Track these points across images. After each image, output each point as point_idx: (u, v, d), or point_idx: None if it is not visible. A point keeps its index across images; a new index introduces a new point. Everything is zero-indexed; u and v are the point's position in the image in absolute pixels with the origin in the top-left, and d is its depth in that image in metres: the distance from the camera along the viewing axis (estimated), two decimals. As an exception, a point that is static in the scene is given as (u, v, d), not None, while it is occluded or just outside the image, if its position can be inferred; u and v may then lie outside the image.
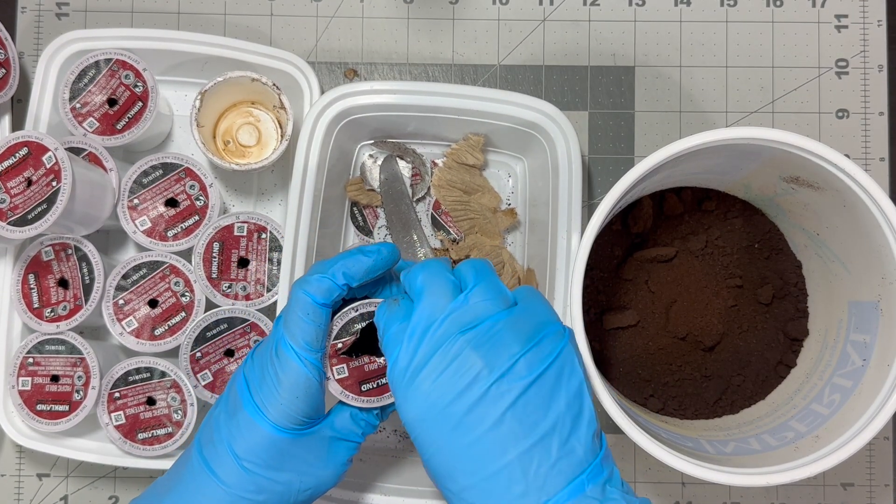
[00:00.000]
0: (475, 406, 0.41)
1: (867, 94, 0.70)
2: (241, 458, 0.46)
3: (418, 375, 0.42)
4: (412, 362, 0.42)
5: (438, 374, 0.42)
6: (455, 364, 0.41)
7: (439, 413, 0.41)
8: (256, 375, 0.47)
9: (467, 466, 0.41)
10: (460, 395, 0.41)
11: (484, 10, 0.70)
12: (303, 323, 0.46)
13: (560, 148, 0.62)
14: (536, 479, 0.40)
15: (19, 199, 0.58)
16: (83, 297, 0.62)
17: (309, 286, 0.46)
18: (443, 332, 0.42)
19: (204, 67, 0.67)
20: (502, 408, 0.41)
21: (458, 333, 0.42)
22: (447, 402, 0.41)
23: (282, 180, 0.69)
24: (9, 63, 0.65)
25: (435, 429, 0.41)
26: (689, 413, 0.64)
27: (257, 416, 0.46)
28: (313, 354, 0.46)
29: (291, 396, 0.46)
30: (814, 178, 0.56)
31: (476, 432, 0.41)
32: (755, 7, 0.70)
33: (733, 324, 0.64)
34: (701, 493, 0.68)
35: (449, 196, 0.67)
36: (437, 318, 0.42)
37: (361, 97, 0.63)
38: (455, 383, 0.41)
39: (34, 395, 0.62)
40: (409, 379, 0.42)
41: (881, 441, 0.69)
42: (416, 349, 0.42)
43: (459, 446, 0.41)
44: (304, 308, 0.46)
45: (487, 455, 0.41)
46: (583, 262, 0.54)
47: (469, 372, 0.41)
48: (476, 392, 0.41)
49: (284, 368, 0.46)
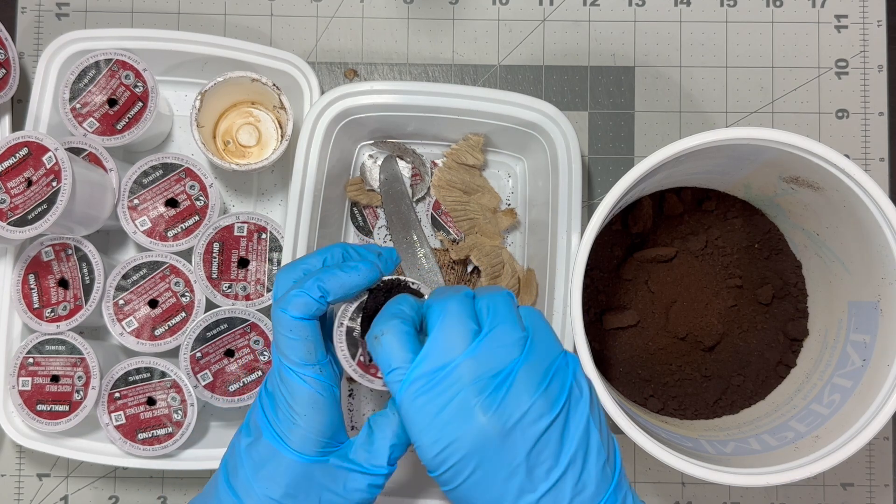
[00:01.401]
0: (488, 459, 0.41)
1: (867, 94, 0.70)
2: (265, 487, 0.45)
3: (432, 421, 0.41)
4: (424, 405, 0.41)
5: (446, 426, 0.40)
6: (463, 422, 0.40)
7: (454, 462, 0.41)
8: (271, 403, 0.46)
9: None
10: (474, 449, 0.40)
11: (484, 10, 0.70)
12: (289, 341, 0.45)
13: (560, 148, 0.62)
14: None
15: (19, 200, 0.58)
16: (83, 298, 0.62)
17: (286, 304, 0.45)
18: (456, 378, 0.41)
19: (204, 67, 0.67)
20: (516, 460, 0.41)
21: (471, 384, 0.41)
22: (462, 454, 0.40)
23: (282, 180, 0.69)
24: (9, 63, 0.65)
25: (452, 472, 0.41)
26: (689, 413, 0.64)
27: (278, 444, 0.45)
28: (310, 369, 0.45)
29: (306, 416, 0.45)
30: (814, 178, 0.56)
31: (491, 481, 0.41)
32: (755, 7, 0.70)
33: (733, 324, 0.64)
34: (701, 493, 0.68)
35: (449, 196, 0.67)
36: (451, 362, 0.41)
37: (361, 97, 0.63)
38: (465, 439, 0.40)
39: (34, 396, 0.62)
40: (421, 422, 0.41)
41: (881, 441, 0.69)
42: (426, 393, 0.41)
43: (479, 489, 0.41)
44: (287, 326, 0.45)
45: (505, 499, 0.40)
46: (583, 262, 0.54)
47: (473, 430, 0.40)
48: (490, 447, 0.40)
49: (290, 389, 0.45)
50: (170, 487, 0.68)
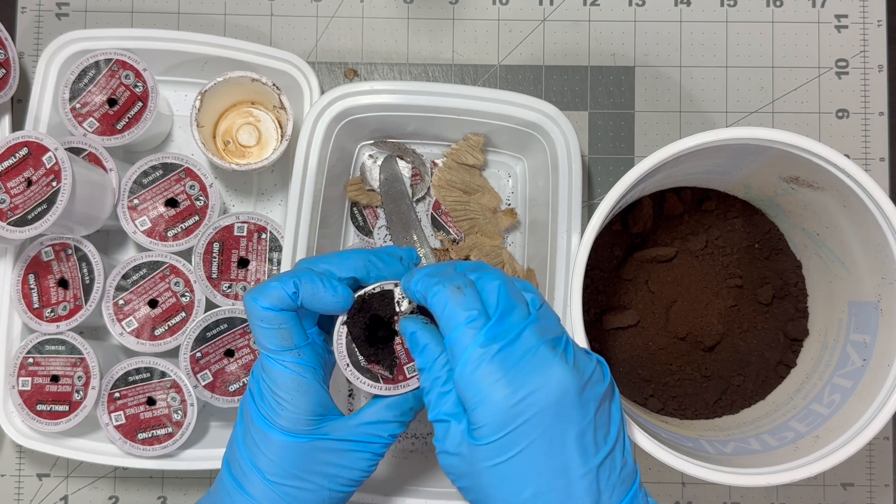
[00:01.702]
0: (564, 414, 0.41)
1: (867, 94, 0.70)
2: (263, 471, 0.46)
3: (506, 377, 0.41)
4: (497, 364, 0.41)
5: (527, 379, 0.41)
6: (548, 372, 0.41)
7: (527, 419, 0.41)
8: (257, 389, 0.47)
9: (545, 475, 0.41)
10: (552, 403, 0.41)
11: (484, 10, 0.70)
12: (262, 329, 0.45)
13: (560, 148, 0.62)
14: (608, 488, 0.42)
15: (19, 200, 0.58)
16: (83, 298, 0.62)
17: (257, 294, 0.45)
18: (525, 341, 0.41)
19: (204, 67, 0.67)
20: (588, 417, 0.41)
21: (541, 343, 0.42)
22: (538, 409, 0.41)
23: (282, 180, 0.69)
24: (9, 63, 0.65)
25: (516, 434, 0.41)
26: (689, 413, 0.64)
27: (268, 428, 0.46)
28: (288, 354, 0.46)
29: (290, 400, 0.46)
30: (814, 178, 0.56)
31: (563, 439, 0.41)
32: (755, 7, 0.70)
33: (733, 324, 0.64)
34: (701, 493, 0.68)
35: (449, 196, 0.67)
36: (518, 326, 0.42)
37: (361, 97, 0.63)
38: (550, 390, 0.41)
39: (34, 396, 0.62)
40: (493, 380, 0.41)
41: (881, 441, 0.69)
42: (501, 352, 0.41)
43: (543, 453, 0.41)
44: (257, 315, 0.45)
45: (572, 462, 0.41)
46: (583, 262, 0.54)
47: (561, 381, 0.41)
48: (568, 401, 0.41)
49: (271, 376, 0.46)
50: (170, 487, 0.68)
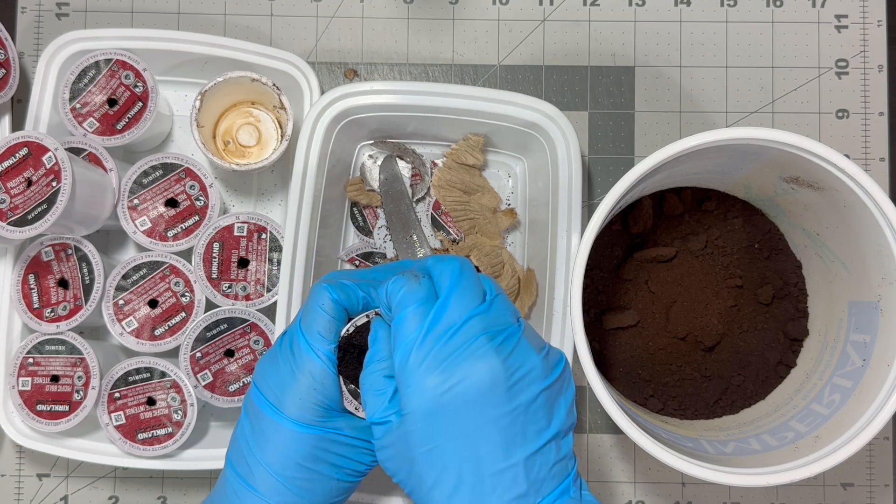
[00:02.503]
0: (490, 406, 0.41)
1: (867, 94, 0.70)
2: (272, 465, 0.46)
3: (439, 366, 0.41)
4: (431, 351, 0.42)
5: (456, 368, 0.41)
6: (477, 363, 0.41)
7: (453, 408, 0.41)
8: (269, 378, 0.47)
9: (467, 465, 0.41)
10: (479, 394, 0.41)
11: (484, 10, 0.70)
12: (318, 312, 0.46)
13: (560, 148, 0.62)
14: (536, 481, 0.42)
15: (19, 200, 0.58)
16: (83, 298, 0.62)
17: (332, 284, 0.47)
18: (467, 330, 0.42)
19: (204, 67, 0.67)
20: (517, 411, 0.42)
21: (481, 334, 0.42)
22: (464, 399, 0.41)
23: (282, 180, 0.69)
24: (9, 63, 0.65)
25: (442, 423, 0.41)
26: (689, 413, 0.64)
27: (279, 417, 0.46)
28: (324, 344, 0.46)
29: (309, 389, 0.46)
30: (814, 178, 0.56)
31: (487, 431, 0.41)
32: (755, 7, 0.70)
33: (733, 324, 0.64)
34: (701, 493, 0.68)
35: (449, 196, 0.67)
36: (464, 316, 0.42)
37: (361, 97, 0.63)
38: (476, 380, 0.41)
39: (34, 396, 0.62)
40: (425, 367, 0.42)
41: (881, 441, 0.69)
42: (438, 339, 0.42)
43: (468, 443, 0.41)
44: (321, 300, 0.46)
45: (494, 454, 0.41)
46: (583, 262, 0.54)
47: (489, 372, 0.41)
48: (496, 393, 0.41)
49: (296, 360, 0.46)
50: (170, 487, 0.68)
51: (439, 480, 0.41)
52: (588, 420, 0.68)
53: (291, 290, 0.61)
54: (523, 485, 0.41)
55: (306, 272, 0.62)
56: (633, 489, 0.68)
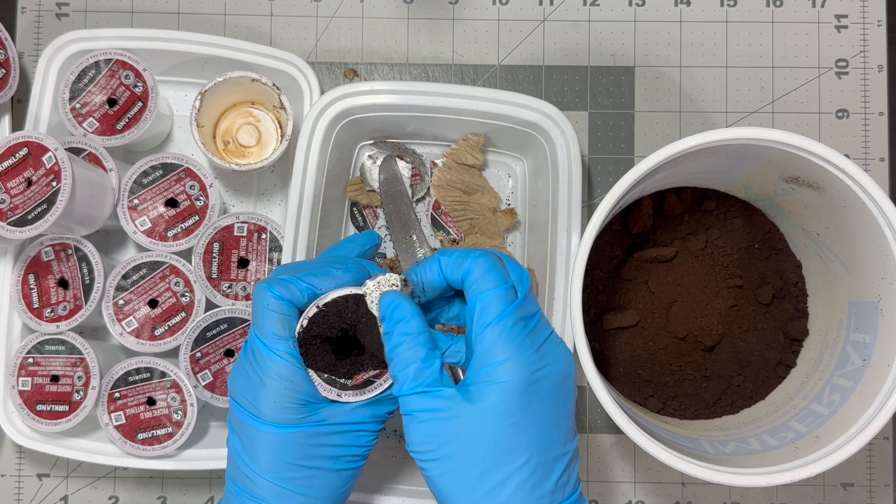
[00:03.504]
0: (564, 393, 0.45)
1: (867, 94, 0.70)
2: (268, 472, 0.46)
3: (533, 346, 0.44)
4: (524, 332, 0.44)
5: (546, 352, 0.45)
6: (561, 352, 0.45)
7: (541, 387, 0.44)
8: (240, 387, 0.47)
9: (538, 445, 0.43)
10: (560, 380, 0.45)
11: (484, 10, 0.70)
12: (267, 313, 0.47)
13: (560, 148, 0.62)
14: (573, 472, 0.45)
15: (19, 200, 0.58)
16: (83, 298, 0.62)
17: (272, 283, 0.47)
18: (543, 322, 0.46)
19: (204, 67, 0.67)
20: (574, 401, 0.46)
21: (551, 329, 0.46)
22: (551, 382, 0.44)
23: (282, 180, 0.69)
24: (9, 63, 0.65)
25: (530, 399, 0.43)
26: (689, 413, 0.64)
27: (259, 424, 0.46)
28: (283, 343, 0.46)
29: (280, 390, 0.46)
30: (814, 178, 0.56)
31: (559, 416, 0.45)
32: (755, 7, 0.70)
33: (733, 324, 0.64)
34: (701, 493, 0.68)
35: (449, 196, 0.67)
36: (535, 311, 0.46)
37: (361, 97, 0.63)
38: (560, 368, 0.45)
39: (34, 396, 0.62)
40: (520, 344, 0.44)
41: (881, 441, 0.69)
42: (527, 324, 0.45)
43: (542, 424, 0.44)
44: (265, 301, 0.47)
45: (560, 438, 0.44)
46: (583, 262, 0.54)
47: (569, 363, 0.46)
48: (569, 383, 0.46)
49: (260, 365, 0.46)
50: (170, 487, 0.68)
51: (512, 455, 0.43)
52: (588, 420, 0.68)
53: (291, 290, 0.61)
54: (567, 475, 0.44)
55: (306, 272, 0.62)
56: (633, 489, 0.68)
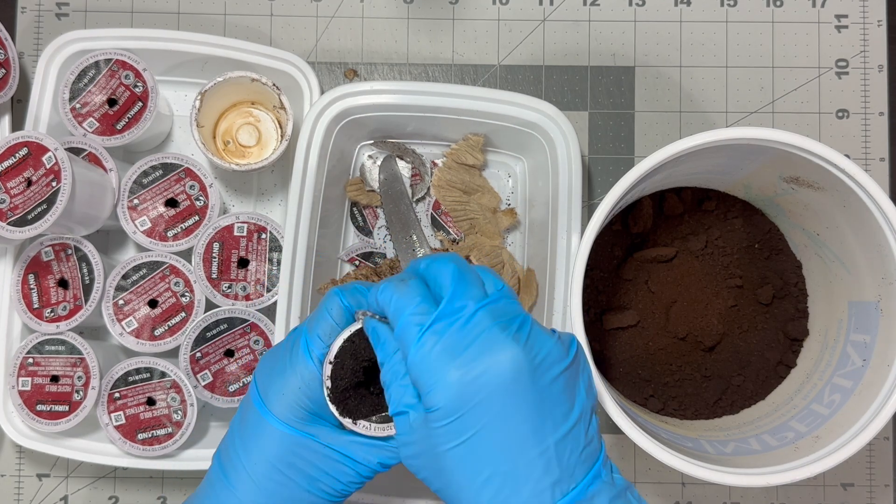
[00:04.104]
0: (516, 393, 0.41)
1: (867, 94, 0.70)
2: (249, 458, 0.46)
3: (457, 359, 0.41)
4: (446, 346, 0.41)
5: (477, 359, 0.41)
6: (497, 352, 0.41)
7: (480, 399, 0.40)
8: (264, 373, 0.48)
9: (500, 455, 0.41)
10: (504, 382, 0.41)
11: (484, 10, 0.70)
12: (324, 316, 0.47)
13: (560, 148, 0.62)
14: (568, 466, 0.41)
15: (19, 200, 0.58)
16: (83, 298, 0.62)
17: (344, 292, 0.47)
18: (478, 323, 0.41)
19: (204, 67, 0.67)
20: (542, 395, 0.41)
21: (494, 325, 0.42)
22: (490, 390, 0.40)
23: (282, 180, 0.69)
24: (9, 63, 0.65)
25: (470, 416, 0.41)
26: (689, 413, 0.64)
27: (262, 409, 0.47)
28: (322, 349, 0.46)
29: (295, 387, 0.46)
30: (814, 178, 0.56)
31: (517, 419, 0.41)
32: (755, 7, 0.70)
33: (733, 324, 0.64)
34: (701, 493, 0.68)
35: (449, 196, 0.67)
36: (473, 309, 0.42)
37: (361, 97, 0.63)
38: (500, 370, 0.41)
39: (34, 396, 0.62)
40: (443, 362, 0.41)
41: (881, 441, 0.69)
42: (451, 334, 0.41)
43: (498, 433, 0.41)
44: (331, 305, 0.47)
45: (525, 441, 0.41)
46: (583, 262, 0.54)
47: (512, 360, 0.41)
48: (521, 380, 0.41)
49: (292, 357, 0.46)
50: (170, 487, 0.68)
51: (471, 474, 0.41)
52: (588, 420, 0.68)
53: (291, 290, 0.61)
54: (556, 471, 0.41)
55: (306, 272, 0.62)
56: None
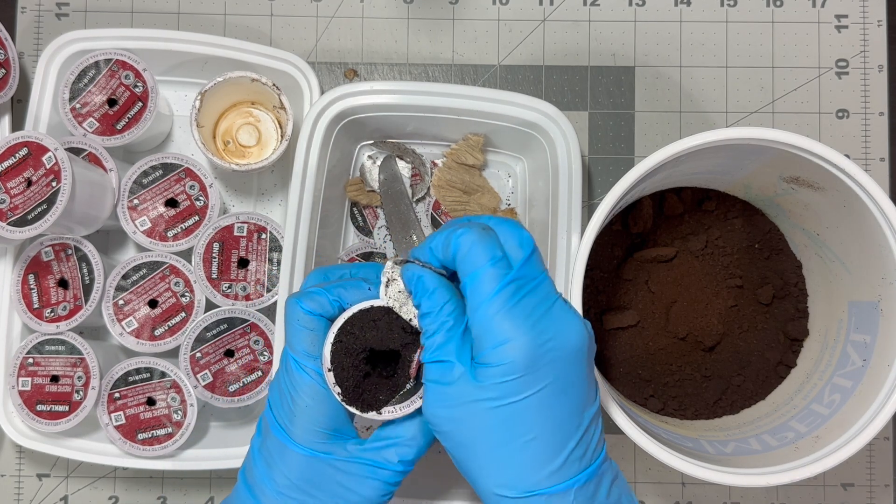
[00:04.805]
0: (576, 365, 0.43)
1: (867, 94, 0.70)
2: (276, 482, 0.46)
3: (530, 318, 0.41)
4: (523, 306, 0.42)
5: (550, 324, 0.42)
6: (569, 322, 0.43)
7: (548, 362, 0.41)
8: (276, 397, 0.47)
9: (549, 421, 0.42)
10: (571, 352, 0.42)
11: (484, 10, 0.70)
12: (297, 329, 0.46)
13: (560, 148, 0.62)
14: (592, 443, 0.43)
15: (19, 200, 0.58)
16: (83, 298, 0.62)
17: (302, 297, 0.46)
18: (550, 291, 0.43)
19: (204, 67, 0.67)
20: (588, 372, 0.43)
21: (557, 296, 0.43)
22: (558, 355, 0.42)
23: (282, 180, 0.69)
24: (9, 63, 0.65)
25: (535, 376, 0.41)
26: (690, 413, 0.64)
27: (283, 437, 0.46)
28: (312, 361, 0.46)
29: (307, 407, 0.45)
30: (814, 178, 0.56)
31: (571, 390, 0.43)
32: (755, 7, 0.70)
33: (733, 324, 0.64)
34: (701, 494, 0.68)
35: (449, 196, 0.67)
36: (538, 277, 0.43)
37: (361, 97, 0.63)
38: (569, 339, 0.42)
39: (34, 396, 0.62)
40: (520, 320, 0.41)
41: (881, 441, 0.69)
42: (528, 294, 0.42)
43: (552, 398, 0.42)
44: (295, 316, 0.46)
45: (572, 412, 0.42)
46: (583, 262, 0.54)
47: (580, 334, 0.43)
48: (581, 354, 0.43)
49: (293, 381, 0.46)
50: (170, 488, 0.68)
51: (514, 434, 0.41)
52: (588, 420, 0.68)
53: (291, 291, 0.61)
54: (584, 445, 0.43)
55: (306, 272, 0.62)
56: (633, 489, 0.68)
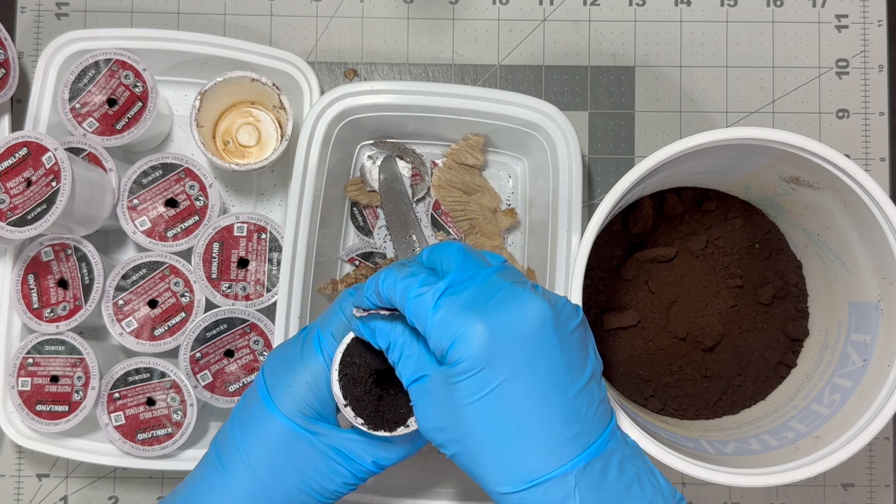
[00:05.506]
0: (542, 342, 0.41)
1: (867, 94, 0.70)
2: (246, 447, 0.47)
3: (478, 312, 0.40)
4: (468, 300, 0.41)
5: (499, 311, 0.41)
6: (523, 303, 0.41)
7: (506, 349, 0.40)
8: (273, 367, 0.48)
9: (524, 404, 0.41)
10: (531, 331, 0.41)
11: (484, 10, 0.70)
12: (337, 315, 0.48)
13: (560, 148, 0.62)
14: (587, 420, 0.42)
15: (19, 200, 0.58)
16: (83, 298, 0.62)
17: (356, 289, 0.48)
18: (494, 280, 0.42)
19: (204, 67, 0.67)
20: (563, 346, 0.41)
21: (508, 282, 0.42)
22: (515, 338, 0.41)
23: (282, 180, 0.69)
24: (8, 63, 0.65)
25: (495, 366, 0.40)
26: (690, 413, 0.64)
27: (270, 406, 0.47)
28: (333, 347, 0.47)
29: (303, 382, 0.47)
30: (814, 178, 0.56)
31: (541, 369, 0.41)
32: (755, 7, 0.70)
33: (733, 324, 0.64)
34: (701, 494, 0.68)
35: (449, 196, 0.67)
36: (482, 273, 0.42)
37: (361, 97, 0.63)
38: (526, 318, 0.41)
39: (34, 396, 0.62)
40: (466, 313, 0.41)
41: (881, 441, 0.69)
42: (470, 290, 0.41)
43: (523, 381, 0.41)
44: (344, 305, 0.48)
45: (548, 391, 0.41)
46: (583, 262, 0.54)
47: (538, 309, 0.41)
48: (546, 329, 0.41)
49: (304, 356, 0.47)
50: (169, 487, 0.68)
51: (494, 426, 0.41)
52: (588, 420, 0.68)
53: (291, 290, 0.61)
54: (575, 424, 0.41)
55: (306, 272, 0.62)
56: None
